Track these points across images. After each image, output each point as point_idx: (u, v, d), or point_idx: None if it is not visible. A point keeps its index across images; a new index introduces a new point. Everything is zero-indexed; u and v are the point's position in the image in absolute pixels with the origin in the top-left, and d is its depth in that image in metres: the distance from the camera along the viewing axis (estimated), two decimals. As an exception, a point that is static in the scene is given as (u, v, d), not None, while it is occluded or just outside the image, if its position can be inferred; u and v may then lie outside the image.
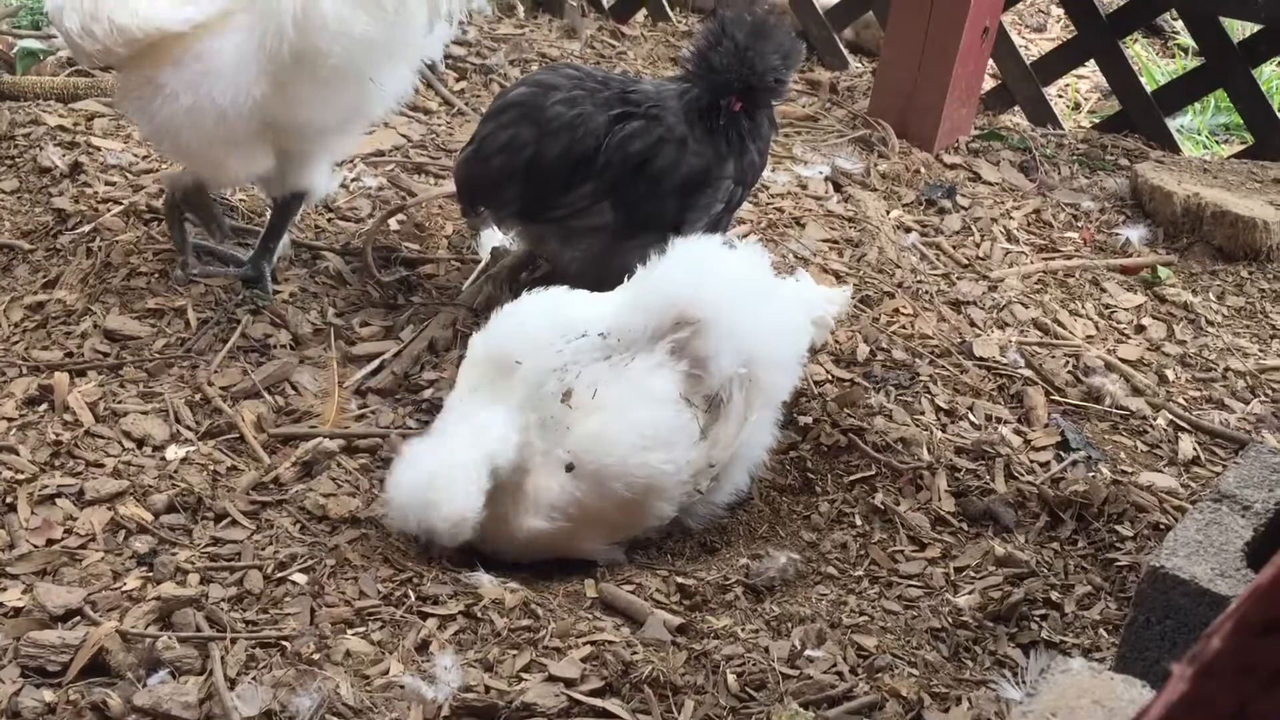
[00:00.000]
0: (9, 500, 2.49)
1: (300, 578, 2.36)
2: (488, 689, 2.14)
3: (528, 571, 2.56)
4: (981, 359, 3.22)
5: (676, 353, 2.51)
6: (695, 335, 2.52)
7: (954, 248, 3.85)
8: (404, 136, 4.15)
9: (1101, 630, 2.42)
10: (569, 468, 2.46)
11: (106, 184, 3.54)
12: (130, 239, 3.28)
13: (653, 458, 2.46)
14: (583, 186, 3.00)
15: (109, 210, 3.39)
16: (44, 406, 2.74)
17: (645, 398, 2.48)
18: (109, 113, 3.95)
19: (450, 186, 3.49)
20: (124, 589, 2.29)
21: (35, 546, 2.38)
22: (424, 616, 2.31)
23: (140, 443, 2.70)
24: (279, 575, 2.37)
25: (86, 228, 3.32)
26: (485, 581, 2.41)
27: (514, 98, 3.08)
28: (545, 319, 2.58)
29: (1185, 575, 1.88)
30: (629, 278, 2.67)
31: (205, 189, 3.17)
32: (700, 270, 2.60)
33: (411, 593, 2.37)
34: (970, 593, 2.50)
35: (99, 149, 3.71)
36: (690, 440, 2.50)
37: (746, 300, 2.60)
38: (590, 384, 2.47)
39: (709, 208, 3.05)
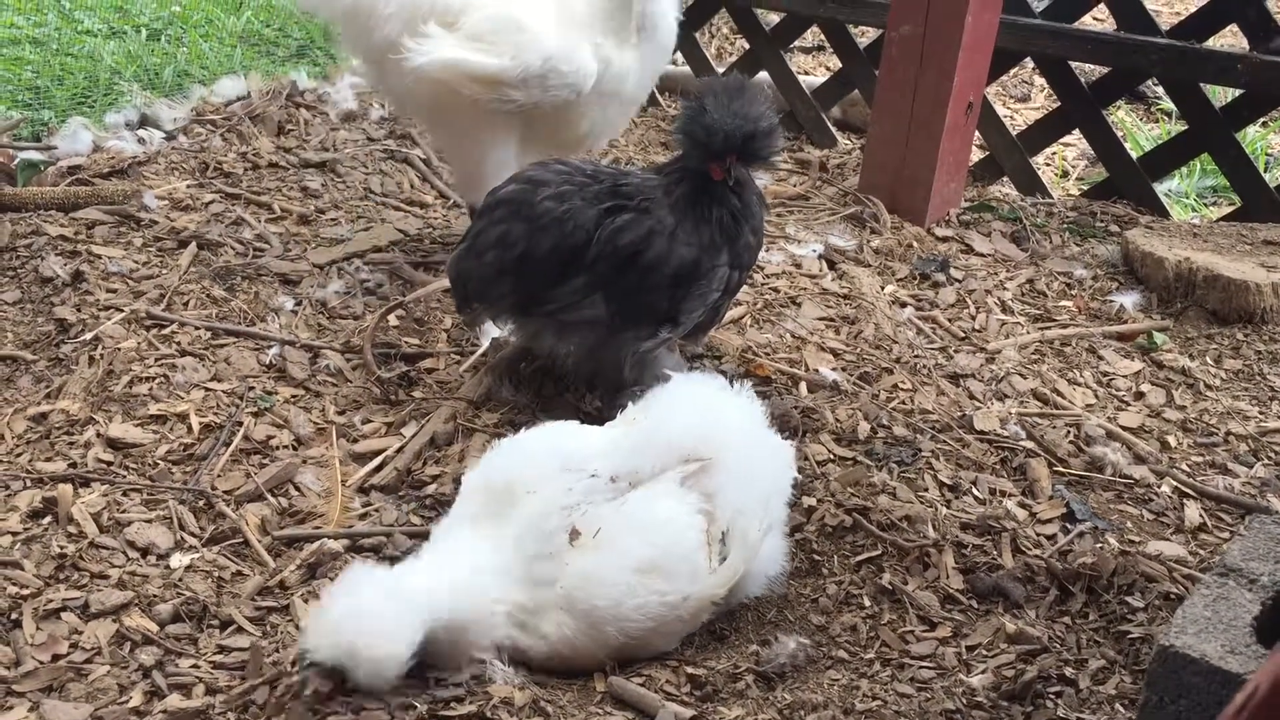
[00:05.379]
0: (14, 616, 2.48)
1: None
2: (499, 793, 2.12)
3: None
4: (983, 432, 3.22)
5: (686, 483, 2.50)
6: (704, 471, 2.51)
7: (950, 321, 3.87)
8: (401, 231, 4.20)
9: (1118, 705, 2.39)
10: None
11: (108, 291, 3.58)
12: (132, 346, 3.30)
13: (652, 588, 2.40)
14: (575, 280, 3.03)
15: (110, 318, 3.42)
16: (48, 519, 2.75)
17: (647, 526, 2.44)
18: (109, 220, 4.00)
19: (447, 281, 3.53)
20: (130, 704, 2.27)
21: (41, 663, 2.37)
22: (432, 720, 2.29)
23: (145, 552, 2.70)
24: (285, 682, 2.35)
25: (88, 336, 3.35)
26: (499, 678, 2.39)
27: (504, 195, 3.13)
28: (552, 454, 2.55)
29: (1195, 654, 1.87)
30: (626, 368, 2.66)
31: None
32: (705, 414, 2.61)
33: (419, 696, 2.34)
34: (983, 672, 2.47)
35: (100, 257, 3.76)
36: (694, 574, 2.45)
37: (749, 440, 2.62)
38: (594, 524, 2.42)
39: (705, 296, 3.06)
